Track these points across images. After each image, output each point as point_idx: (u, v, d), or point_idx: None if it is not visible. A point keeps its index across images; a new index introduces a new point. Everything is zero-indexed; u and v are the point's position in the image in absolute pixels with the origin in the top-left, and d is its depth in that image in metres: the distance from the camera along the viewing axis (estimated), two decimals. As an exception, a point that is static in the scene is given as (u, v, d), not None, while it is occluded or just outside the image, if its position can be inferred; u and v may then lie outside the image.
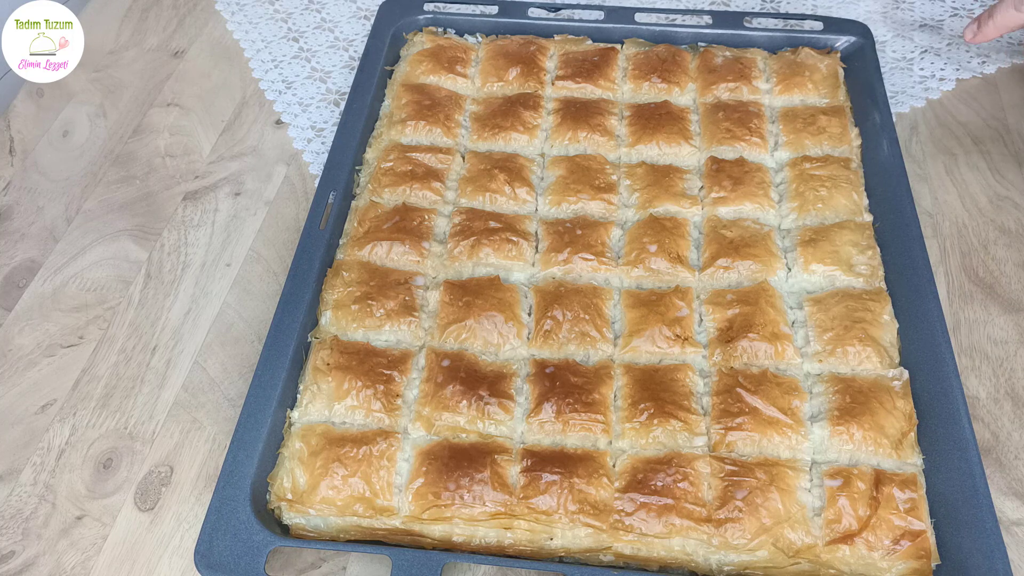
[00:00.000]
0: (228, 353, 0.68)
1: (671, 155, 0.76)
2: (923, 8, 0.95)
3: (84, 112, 0.87)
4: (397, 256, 0.69)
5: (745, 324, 0.63)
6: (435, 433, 0.59)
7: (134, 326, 0.70)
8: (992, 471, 0.59)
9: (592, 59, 0.83)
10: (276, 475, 0.57)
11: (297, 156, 0.83)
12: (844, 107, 0.78)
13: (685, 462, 0.57)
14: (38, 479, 0.61)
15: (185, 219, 0.77)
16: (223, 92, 0.89)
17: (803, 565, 0.54)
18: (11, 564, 0.57)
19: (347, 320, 0.65)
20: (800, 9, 0.95)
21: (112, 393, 0.66)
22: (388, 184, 0.73)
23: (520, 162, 0.75)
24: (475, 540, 0.56)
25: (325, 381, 0.61)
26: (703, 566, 0.55)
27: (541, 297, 0.66)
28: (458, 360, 0.62)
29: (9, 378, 0.67)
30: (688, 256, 0.68)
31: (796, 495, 0.55)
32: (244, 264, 0.74)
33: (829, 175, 0.72)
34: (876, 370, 0.61)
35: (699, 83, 0.81)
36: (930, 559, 0.53)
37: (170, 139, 0.84)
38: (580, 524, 0.55)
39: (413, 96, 0.80)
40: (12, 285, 0.73)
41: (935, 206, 0.76)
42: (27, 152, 0.84)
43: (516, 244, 0.69)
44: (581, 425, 0.59)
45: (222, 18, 0.97)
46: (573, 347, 0.63)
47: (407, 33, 0.87)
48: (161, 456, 0.62)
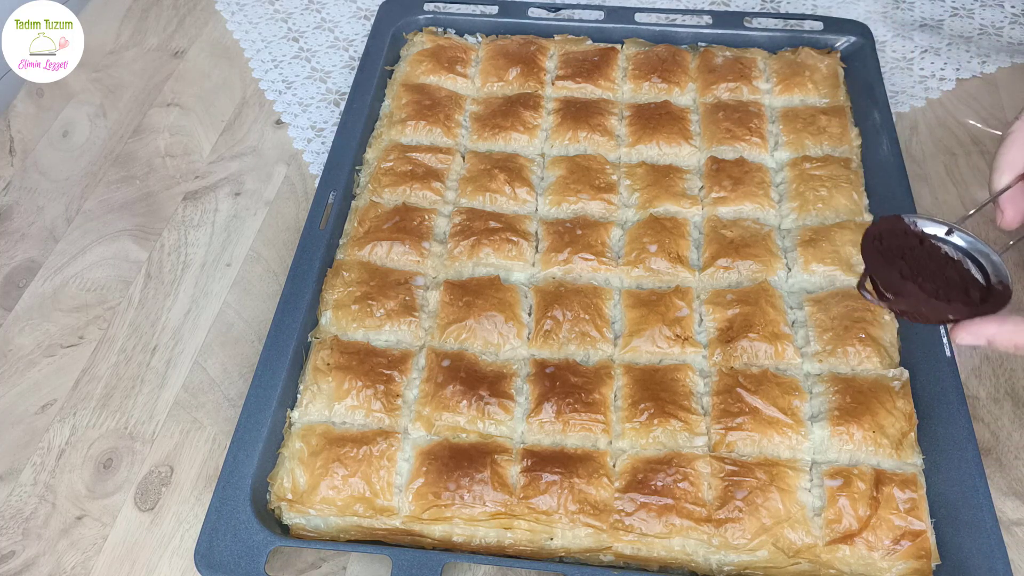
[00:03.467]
0: (228, 353, 0.68)
1: (671, 155, 0.76)
2: (923, 8, 0.95)
3: (84, 112, 0.87)
4: (397, 256, 0.69)
5: (745, 324, 0.63)
6: (435, 433, 0.59)
7: (134, 326, 0.70)
8: (992, 471, 0.59)
9: (592, 59, 0.83)
10: (276, 475, 0.57)
11: (297, 156, 0.83)
12: (844, 107, 0.78)
13: (685, 462, 0.57)
14: (38, 479, 0.61)
15: (185, 219, 0.77)
16: (223, 92, 0.89)
17: (803, 565, 0.54)
18: (11, 564, 0.57)
19: (347, 320, 0.65)
20: (800, 9, 0.95)
21: (112, 393, 0.66)
22: (388, 184, 0.73)
23: (520, 162, 0.75)
24: (475, 540, 0.56)
25: (325, 381, 0.61)
26: (703, 566, 0.55)
27: (541, 297, 0.66)
28: (458, 360, 0.62)
29: (9, 378, 0.67)
30: (688, 256, 0.68)
31: (796, 495, 0.55)
32: (244, 264, 0.74)
33: (829, 175, 0.72)
34: (876, 370, 0.61)
35: (699, 83, 0.81)
36: (930, 559, 0.53)
37: (170, 139, 0.84)
38: (580, 524, 0.55)
39: (413, 96, 0.80)
40: (12, 285, 0.73)
41: (935, 206, 0.76)
42: (27, 152, 0.84)
43: (516, 244, 0.69)
44: (581, 425, 0.59)
45: (222, 18, 0.97)
46: (573, 347, 0.63)
47: (407, 33, 0.87)
48: (161, 456, 0.62)
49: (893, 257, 0.51)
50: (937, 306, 0.49)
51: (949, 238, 0.52)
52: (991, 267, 0.51)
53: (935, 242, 0.52)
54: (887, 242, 0.52)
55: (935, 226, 0.52)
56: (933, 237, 0.52)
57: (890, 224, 0.53)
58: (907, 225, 0.53)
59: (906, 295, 0.50)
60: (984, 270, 0.51)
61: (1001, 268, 0.50)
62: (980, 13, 0.93)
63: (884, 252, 0.52)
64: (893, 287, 0.50)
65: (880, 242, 0.52)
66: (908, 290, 0.50)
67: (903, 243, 0.52)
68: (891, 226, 0.53)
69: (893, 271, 0.51)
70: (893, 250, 0.52)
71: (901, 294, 0.50)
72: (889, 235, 0.52)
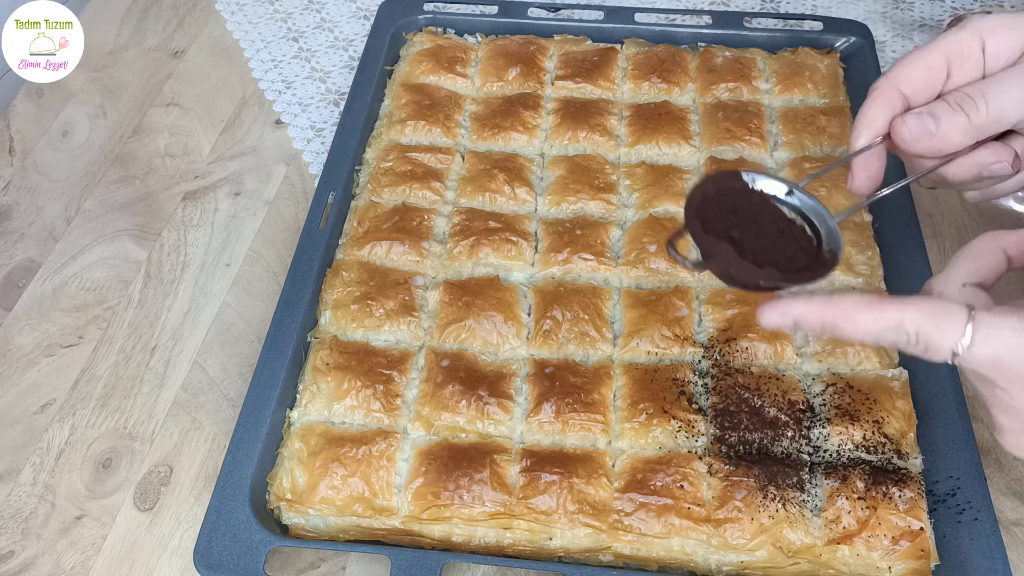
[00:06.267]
0: (228, 353, 0.68)
1: (671, 155, 0.76)
2: (923, 8, 0.95)
3: (84, 112, 0.87)
4: (397, 256, 0.68)
5: (745, 324, 0.63)
6: (434, 433, 0.59)
7: (133, 326, 0.70)
8: (992, 471, 0.59)
9: (592, 59, 0.83)
10: (275, 475, 0.57)
11: (297, 156, 0.83)
12: (844, 107, 0.78)
13: (684, 462, 0.57)
14: (37, 479, 0.61)
15: (185, 219, 0.77)
16: (223, 92, 0.89)
17: (802, 565, 0.54)
18: (10, 564, 0.57)
19: (347, 320, 0.65)
20: (800, 9, 0.95)
21: (112, 393, 0.66)
22: (388, 184, 0.73)
23: (520, 162, 0.75)
24: (474, 540, 0.56)
25: (324, 381, 0.61)
26: (702, 566, 0.55)
27: (541, 297, 0.66)
28: (457, 360, 0.62)
29: (8, 378, 0.67)
30: (688, 256, 0.68)
31: (796, 495, 0.55)
32: (244, 264, 0.74)
33: (828, 175, 0.72)
34: (875, 370, 0.61)
35: (699, 83, 0.81)
36: (929, 559, 0.53)
37: (170, 139, 0.84)
38: (579, 524, 0.55)
39: (413, 96, 0.80)
40: (12, 285, 0.73)
41: (935, 206, 0.76)
42: (27, 152, 0.84)
43: (516, 244, 0.68)
44: (580, 425, 0.59)
45: (222, 18, 0.97)
46: (573, 347, 0.63)
47: (407, 33, 0.87)
48: (160, 456, 0.62)
49: (717, 214, 0.46)
50: (749, 269, 0.44)
51: (788, 199, 0.47)
52: (825, 233, 0.46)
53: (774, 203, 0.47)
54: (716, 199, 0.47)
55: (775, 185, 0.48)
56: (772, 197, 0.47)
57: (726, 180, 0.48)
58: (745, 182, 0.48)
59: (717, 256, 0.44)
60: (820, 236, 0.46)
61: (835, 235, 0.45)
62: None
63: (708, 208, 0.46)
64: (705, 246, 0.45)
65: (708, 198, 0.47)
66: (720, 250, 0.44)
67: (734, 201, 0.47)
68: (727, 182, 0.48)
69: (710, 229, 0.45)
70: (720, 207, 0.46)
71: (712, 255, 0.44)
72: (722, 191, 0.47)
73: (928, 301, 0.40)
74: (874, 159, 0.49)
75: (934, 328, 0.39)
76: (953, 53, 0.47)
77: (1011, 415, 0.41)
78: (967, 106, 0.46)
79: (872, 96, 0.49)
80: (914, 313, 0.39)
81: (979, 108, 0.46)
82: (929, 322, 0.39)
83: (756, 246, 0.45)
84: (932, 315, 0.39)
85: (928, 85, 0.47)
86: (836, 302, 0.41)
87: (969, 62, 0.47)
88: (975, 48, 0.47)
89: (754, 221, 0.46)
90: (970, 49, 0.47)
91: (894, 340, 0.40)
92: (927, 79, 0.47)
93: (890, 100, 0.48)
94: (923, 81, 0.47)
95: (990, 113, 0.46)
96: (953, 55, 0.47)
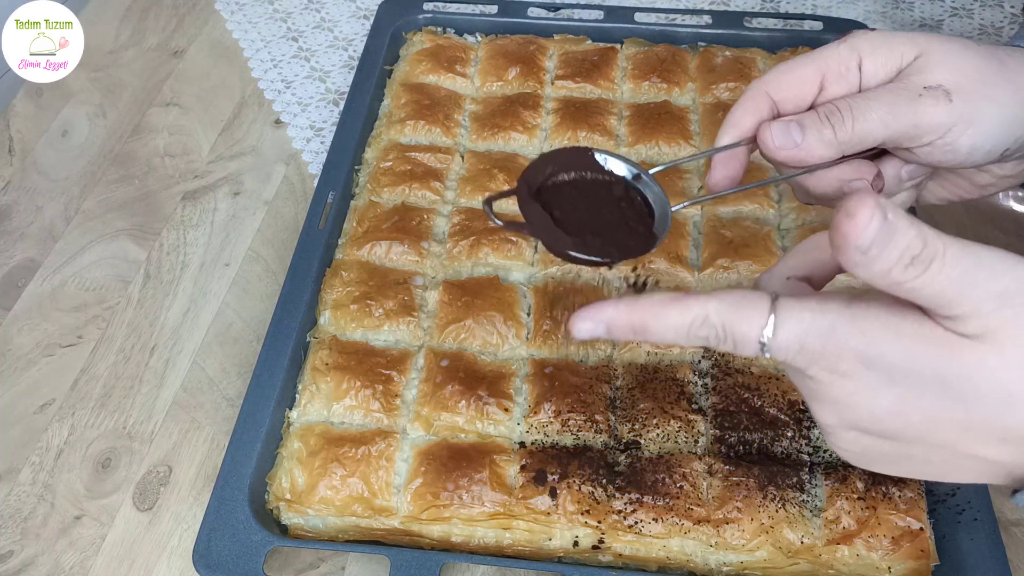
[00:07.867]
0: (227, 353, 0.68)
1: (671, 155, 0.76)
2: (923, 8, 0.95)
3: (83, 112, 0.87)
4: (396, 256, 0.68)
5: (744, 324, 0.63)
6: (434, 433, 0.59)
7: (133, 326, 0.70)
8: (992, 471, 0.59)
9: (592, 59, 0.83)
10: (275, 475, 0.57)
11: (296, 156, 0.83)
12: (844, 107, 0.78)
13: (684, 462, 0.56)
14: (37, 479, 0.61)
15: (184, 219, 0.77)
16: (222, 92, 0.89)
17: (802, 565, 0.54)
18: (9, 564, 0.57)
19: (346, 320, 0.64)
20: (800, 9, 0.95)
21: (111, 393, 0.66)
22: (387, 184, 0.73)
23: (520, 162, 0.75)
24: (474, 540, 0.56)
25: (324, 381, 0.61)
26: (702, 566, 0.55)
27: (540, 297, 0.66)
28: (457, 360, 0.62)
29: (8, 378, 0.67)
30: (687, 256, 0.68)
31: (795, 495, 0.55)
32: (243, 264, 0.74)
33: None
34: (875, 370, 0.61)
35: (699, 83, 0.81)
36: (929, 559, 0.53)
37: (169, 139, 0.84)
38: (579, 524, 0.55)
39: (412, 96, 0.80)
40: (11, 285, 0.73)
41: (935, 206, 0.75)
42: (26, 152, 0.84)
43: (515, 244, 0.68)
44: (580, 425, 0.59)
45: (221, 18, 0.97)
46: (572, 347, 0.63)
47: (407, 32, 0.87)
48: (160, 456, 0.62)
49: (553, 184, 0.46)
50: (560, 237, 0.43)
51: (635, 183, 0.47)
52: (658, 218, 0.45)
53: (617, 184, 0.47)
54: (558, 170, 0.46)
55: (625, 167, 0.47)
56: (619, 179, 0.47)
57: (577, 154, 0.47)
58: (596, 161, 0.47)
59: (532, 220, 0.44)
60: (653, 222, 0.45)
61: (665, 224, 0.45)
62: (980, 13, 0.93)
63: (546, 175, 0.46)
64: (525, 210, 0.44)
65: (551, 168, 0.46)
66: (537, 215, 0.44)
67: (577, 176, 0.47)
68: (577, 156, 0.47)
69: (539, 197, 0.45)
70: (559, 178, 0.46)
71: (529, 219, 0.44)
72: (568, 163, 0.47)
73: (732, 292, 0.38)
74: (734, 160, 0.48)
75: (738, 318, 0.37)
76: (829, 68, 0.46)
77: (826, 408, 0.38)
78: (834, 119, 0.46)
79: (742, 98, 0.48)
80: (718, 305, 0.37)
81: (845, 123, 0.45)
82: (732, 312, 0.37)
83: (577, 219, 0.44)
84: (735, 305, 0.37)
85: (798, 96, 0.47)
86: (642, 302, 0.39)
87: (844, 78, 0.46)
88: (852, 65, 0.46)
89: (588, 196, 0.46)
90: (846, 65, 0.46)
91: (704, 336, 0.38)
92: (799, 91, 0.47)
93: (758, 104, 0.47)
94: (794, 92, 0.47)
95: (855, 129, 0.45)
96: (829, 69, 0.46)
